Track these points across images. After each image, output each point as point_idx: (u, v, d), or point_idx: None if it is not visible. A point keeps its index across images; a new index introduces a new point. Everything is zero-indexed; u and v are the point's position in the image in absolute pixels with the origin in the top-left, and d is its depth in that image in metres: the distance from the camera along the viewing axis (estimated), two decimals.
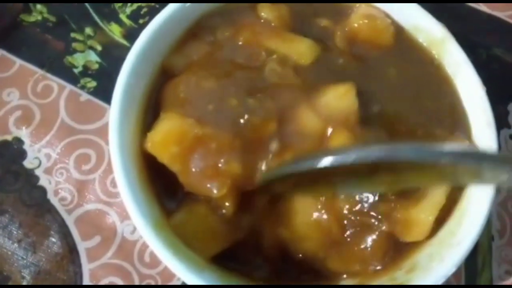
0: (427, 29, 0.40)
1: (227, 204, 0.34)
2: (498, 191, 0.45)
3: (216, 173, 0.34)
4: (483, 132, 0.38)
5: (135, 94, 0.37)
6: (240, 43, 0.39)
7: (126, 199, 0.33)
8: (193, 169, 0.34)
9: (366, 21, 0.40)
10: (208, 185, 0.34)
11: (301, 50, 0.38)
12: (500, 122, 0.48)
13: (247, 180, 0.34)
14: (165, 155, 0.34)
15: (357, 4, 0.41)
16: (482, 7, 0.52)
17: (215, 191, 0.34)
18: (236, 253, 0.36)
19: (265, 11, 0.40)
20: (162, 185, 0.36)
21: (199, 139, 0.34)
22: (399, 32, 0.41)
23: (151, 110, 0.38)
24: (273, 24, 0.39)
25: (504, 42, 0.51)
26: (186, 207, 0.36)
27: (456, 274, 0.43)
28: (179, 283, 0.41)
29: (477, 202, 0.35)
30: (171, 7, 0.39)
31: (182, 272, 0.32)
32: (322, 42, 0.39)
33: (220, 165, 0.34)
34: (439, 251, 0.35)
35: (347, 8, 0.41)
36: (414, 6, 0.40)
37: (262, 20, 0.40)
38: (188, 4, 0.39)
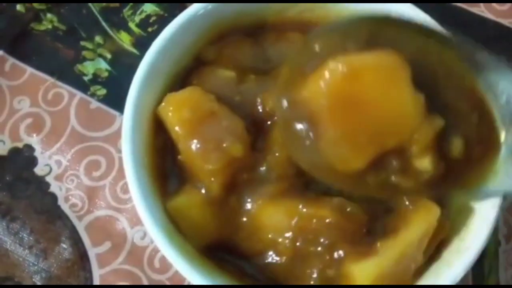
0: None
1: (213, 180, 0.35)
2: (504, 197, 0.45)
3: (217, 148, 0.34)
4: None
5: (149, 101, 0.38)
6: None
7: (132, 187, 0.35)
8: (197, 138, 0.35)
9: None
10: (205, 157, 0.35)
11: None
12: None
13: (241, 167, 0.35)
14: (175, 117, 0.35)
15: None
16: (487, 14, 0.53)
17: (209, 165, 0.34)
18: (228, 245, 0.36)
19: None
20: (169, 174, 0.37)
21: (214, 114, 0.35)
22: None
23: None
24: None
25: (509, 49, 0.52)
26: (184, 194, 0.36)
27: (463, 278, 0.43)
28: None
29: (485, 208, 0.36)
30: (186, 13, 0.39)
31: (175, 260, 0.33)
32: None
33: (224, 144, 0.35)
34: (447, 257, 0.35)
35: None
36: (423, 16, 0.40)
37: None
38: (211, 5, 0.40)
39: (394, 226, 0.35)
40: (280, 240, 0.35)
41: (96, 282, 0.41)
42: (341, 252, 0.34)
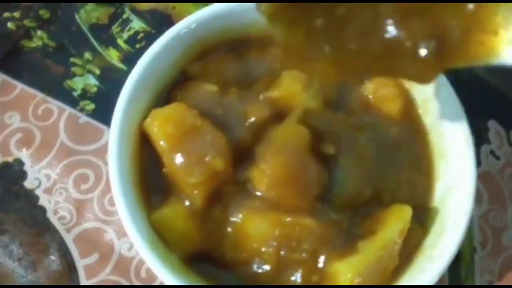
0: None
1: (196, 192, 0.36)
2: (478, 204, 0.47)
3: (200, 162, 0.36)
4: (462, 150, 0.40)
5: (136, 115, 0.39)
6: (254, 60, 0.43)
7: (117, 198, 0.36)
8: (181, 152, 0.37)
9: (375, 89, 0.43)
10: (188, 171, 0.36)
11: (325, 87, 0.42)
12: (481, 138, 0.50)
13: (225, 180, 0.37)
14: (160, 132, 0.37)
15: None
16: None
17: (192, 178, 0.36)
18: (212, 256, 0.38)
19: None
20: (154, 186, 0.39)
21: (197, 129, 0.37)
22: (410, 104, 0.43)
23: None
24: None
25: None
26: (168, 206, 0.37)
27: (440, 284, 0.45)
28: None
29: (456, 216, 0.37)
30: (172, 31, 0.41)
31: (157, 268, 0.34)
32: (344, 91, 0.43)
33: (206, 158, 0.36)
34: (421, 263, 0.37)
35: None
36: None
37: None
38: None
39: (371, 229, 0.37)
40: (264, 249, 0.36)
41: None
42: (323, 257, 0.36)
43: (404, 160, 0.41)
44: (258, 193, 0.37)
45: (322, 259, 0.36)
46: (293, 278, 0.36)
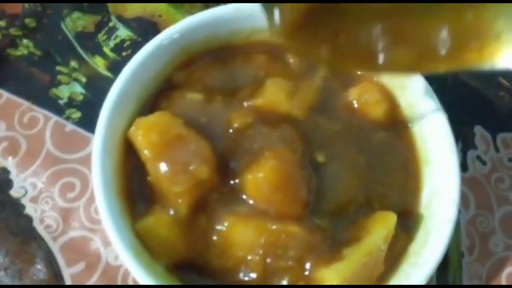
0: None
1: (180, 201, 0.36)
2: (465, 209, 0.48)
3: (184, 171, 0.36)
4: (445, 156, 0.40)
5: (120, 124, 0.39)
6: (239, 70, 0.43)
7: (101, 207, 0.36)
8: (165, 161, 0.37)
9: (360, 94, 0.43)
10: (172, 179, 0.36)
11: (308, 93, 0.42)
12: (467, 144, 0.50)
13: (210, 188, 0.37)
14: (144, 140, 0.37)
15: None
16: None
17: (176, 187, 0.36)
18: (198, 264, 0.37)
19: (292, 57, 0.44)
20: (139, 195, 0.39)
21: (181, 138, 0.37)
22: (394, 108, 0.43)
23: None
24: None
25: None
26: (152, 215, 0.37)
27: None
28: None
29: (441, 223, 0.38)
30: (157, 39, 0.41)
31: (142, 277, 0.34)
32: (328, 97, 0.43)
33: (191, 167, 0.36)
34: (406, 270, 0.37)
35: (353, 78, 0.44)
36: None
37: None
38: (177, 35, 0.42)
39: (356, 236, 0.37)
40: (250, 257, 0.36)
41: None
42: (309, 264, 0.36)
43: (392, 164, 0.41)
44: (250, 201, 0.37)
45: (308, 266, 0.36)
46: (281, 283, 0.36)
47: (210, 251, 0.37)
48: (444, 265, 0.46)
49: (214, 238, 0.37)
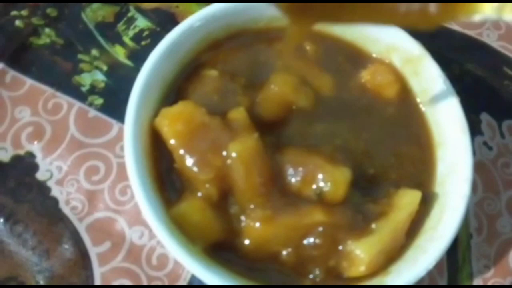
0: (406, 48, 0.45)
1: (208, 187, 0.38)
2: (473, 192, 0.50)
3: (204, 160, 0.38)
4: (458, 138, 0.42)
5: (147, 114, 0.41)
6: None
7: (139, 196, 0.37)
8: (190, 150, 0.38)
9: (372, 76, 0.45)
10: (198, 167, 0.38)
11: (324, 82, 0.44)
12: (474, 130, 0.52)
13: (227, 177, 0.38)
14: (170, 130, 0.39)
15: (377, 54, 0.46)
16: (455, 26, 0.58)
17: (202, 175, 0.38)
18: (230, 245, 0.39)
19: (309, 44, 0.46)
20: (167, 180, 0.40)
21: (205, 126, 0.39)
22: (406, 90, 0.45)
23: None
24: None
25: (476, 58, 0.56)
26: (185, 201, 0.39)
27: (438, 268, 0.47)
28: (185, 283, 0.44)
29: (455, 200, 0.40)
30: (179, 28, 0.43)
31: (182, 258, 0.36)
32: (341, 81, 0.45)
33: (209, 154, 0.38)
34: (423, 244, 0.39)
35: (366, 58, 0.46)
36: (394, 29, 0.45)
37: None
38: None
39: (383, 211, 0.39)
40: (284, 252, 0.38)
41: (97, 280, 0.44)
42: (341, 242, 0.38)
43: (403, 136, 0.43)
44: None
45: (341, 245, 0.38)
46: (313, 270, 0.38)
47: (244, 243, 0.38)
48: (454, 246, 0.48)
49: (247, 239, 0.38)
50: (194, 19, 0.44)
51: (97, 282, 0.44)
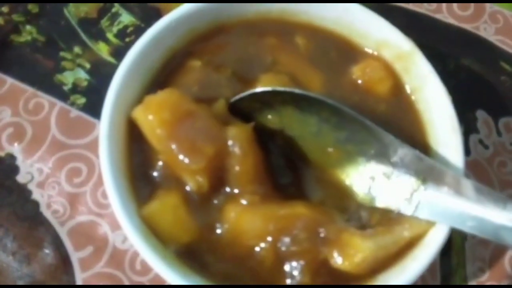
0: (396, 44, 0.43)
1: (199, 178, 0.36)
2: None
3: (194, 149, 0.36)
4: (450, 138, 0.40)
5: (125, 107, 0.39)
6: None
7: (111, 194, 0.36)
8: (178, 139, 0.36)
9: (363, 72, 0.43)
10: (188, 157, 0.36)
11: (314, 79, 0.43)
12: (470, 128, 0.51)
13: (218, 166, 0.37)
14: (156, 119, 0.36)
15: (368, 49, 0.44)
16: (450, 19, 0.56)
17: (193, 164, 0.36)
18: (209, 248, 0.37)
19: (300, 39, 0.44)
20: (144, 177, 0.38)
21: (192, 114, 0.37)
22: (398, 86, 0.44)
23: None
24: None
25: (472, 53, 0.54)
26: (157, 200, 0.37)
27: (432, 272, 0.46)
28: None
29: None
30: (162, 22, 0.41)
31: (152, 260, 0.34)
32: (333, 78, 0.43)
33: (199, 142, 0.36)
34: (411, 252, 0.37)
35: (358, 53, 0.45)
36: (384, 22, 0.43)
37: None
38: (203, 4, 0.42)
39: (381, 223, 0.38)
40: (262, 245, 0.36)
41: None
42: (323, 234, 0.36)
43: (395, 133, 0.40)
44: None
45: (323, 236, 0.36)
46: (295, 268, 0.36)
47: (220, 238, 0.37)
48: (447, 249, 0.46)
49: (225, 226, 0.37)
50: (178, 12, 0.42)
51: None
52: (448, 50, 0.54)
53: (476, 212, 0.35)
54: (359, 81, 0.43)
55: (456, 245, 0.47)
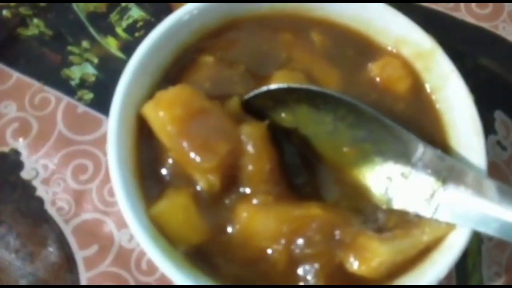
0: (416, 41, 0.41)
1: (211, 177, 0.35)
2: None
3: (206, 147, 0.35)
4: (471, 140, 0.39)
5: (134, 104, 0.38)
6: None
7: (119, 192, 0.35)
8: (191, 136, 0.35)
9: (382, 70, 0.42)
10: (198, 157, 0.34)
11: (331, 77, 0.41)
12: (487, 129, 0.49)
13: (231, 164, 0.35)
14: (168, 115, 0.35)
15: (387, 47, 0.43)
16: (469, 18, 0.54)
17: (205, 163, 0.34)
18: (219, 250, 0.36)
19: (316, 35, 0.43)
20: (153, 176, 0.37)
21: (205, 111, 0.36)
22: (418, 85, 0.42)
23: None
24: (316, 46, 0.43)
25: (490, 52, 0.53)
26: (166, 199, 0.36)
27: (447, 276, 0.44)
28: None
29: None
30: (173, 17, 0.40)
31: (160, 262, 0.33)
32: (349, 75, 0.42)
33: (211, 140, 0.35)
34: (430, 255, 0.36)
35: (376, 51, 0.43)
36: (403, 19, 0.42)
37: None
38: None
39: (398, 226, 0.36)
40: (274, 247, 0.35)
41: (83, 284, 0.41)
42: (339, 236, 0.35)
43: (414, 134, 0.39)
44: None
45: (339, 237, 0.35)
46: (308, 271, 0.35)
47: (232, 241, 0.35)
48: (464, 252, 0.45)
49: (237, 226, 0.35)
50: (190, 7, 0.41)
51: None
52: (466, 50, 0.52)
53: (500, 214, 0.33)
54: (377, 79, 0.42)
55: (472, 248, 0.45)
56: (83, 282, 0.42)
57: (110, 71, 0.49)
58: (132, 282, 0.42)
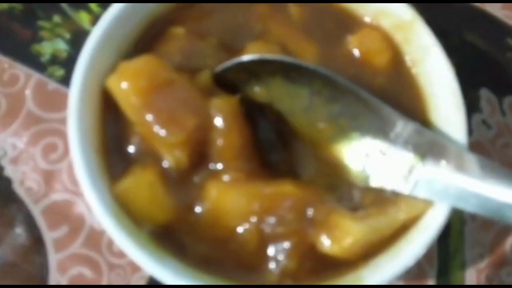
0: (396, 12, 0.40)
1: (178, 153, 0.33)
2: None
3: (173, 120, 0.33)
4: (452, 115, 0.37)
5: (99, 77, 0.36)
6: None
7: (79, 168, 0.33)
8: (156, 109, 0.33)
9: (361, 43, 0.40)
10: (167, 129, 0.33)
11: (308, 50, 0.40)
12: (473, 107, 0.48)
13: (200, 140, 0.34)
14: (132, 86, 0.33)
15: (366, 18, 0.41)
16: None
17: (171, 137, 0.33)
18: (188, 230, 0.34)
19: (294, 7, 0.41)
20: (118, 153, 0.35)
21: (172, 83, 0.34)
22: (398, 58, 0.41)
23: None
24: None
25: (478, 29, 0.51)
26: (131, 176, 0.34)
27: (429, 258, 0.43)
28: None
29: None
30: None
31: (123, 243, 0.32)
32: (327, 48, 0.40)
33: (179, 114, 0.33)
34: (407, 234, 0.35)
35: (355, 23, 0.41)
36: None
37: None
38: None
39: (374, 204, 0.35)
40: (245, 226, 0.33)
41: (53, 267, 0.40)
42: (311, 214, 0.33)
43: (395, 108, 0.38)
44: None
45: (311, 215, 0.33)
46: (280, 251, 0.34)
47: (200, 220, 0.34)
48: (445, 233, 0.44)
49: (206, 205, 0.34)
50: None
51: (53, 269, 0.40)
52: (451, 25, 0.51)
53: (480, 189, 0.32)
54: (356, 52, 0.40)
55: (454, 229, 0.44)
56: (52, 264, 0.40)
57: (82, 46, 0.47)
58: (103, 264, 0.40)
